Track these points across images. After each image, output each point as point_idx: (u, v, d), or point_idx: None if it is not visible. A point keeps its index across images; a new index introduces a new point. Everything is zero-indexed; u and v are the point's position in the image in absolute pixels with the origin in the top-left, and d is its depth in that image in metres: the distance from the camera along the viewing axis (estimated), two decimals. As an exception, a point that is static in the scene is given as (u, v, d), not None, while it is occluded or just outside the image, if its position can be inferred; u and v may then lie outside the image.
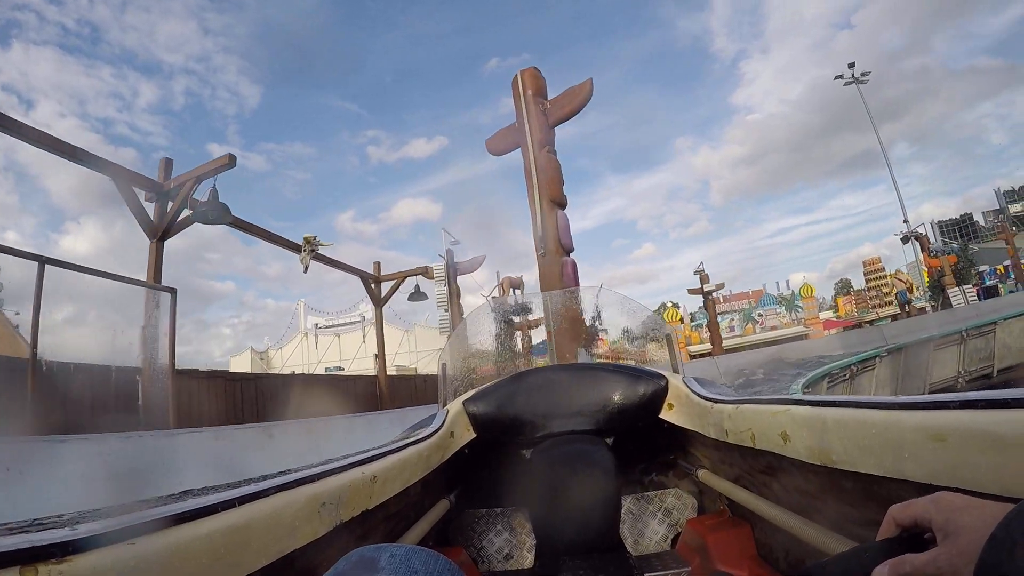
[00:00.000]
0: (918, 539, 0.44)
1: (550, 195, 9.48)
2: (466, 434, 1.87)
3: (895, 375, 7.81)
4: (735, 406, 1.33)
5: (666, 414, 1.82)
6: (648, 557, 1.71)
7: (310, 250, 10.17)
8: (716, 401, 1.50)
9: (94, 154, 5.73)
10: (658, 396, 1.83)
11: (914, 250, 21.91)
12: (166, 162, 7.27)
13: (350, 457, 1.12)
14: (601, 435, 1.86)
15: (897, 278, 22.08)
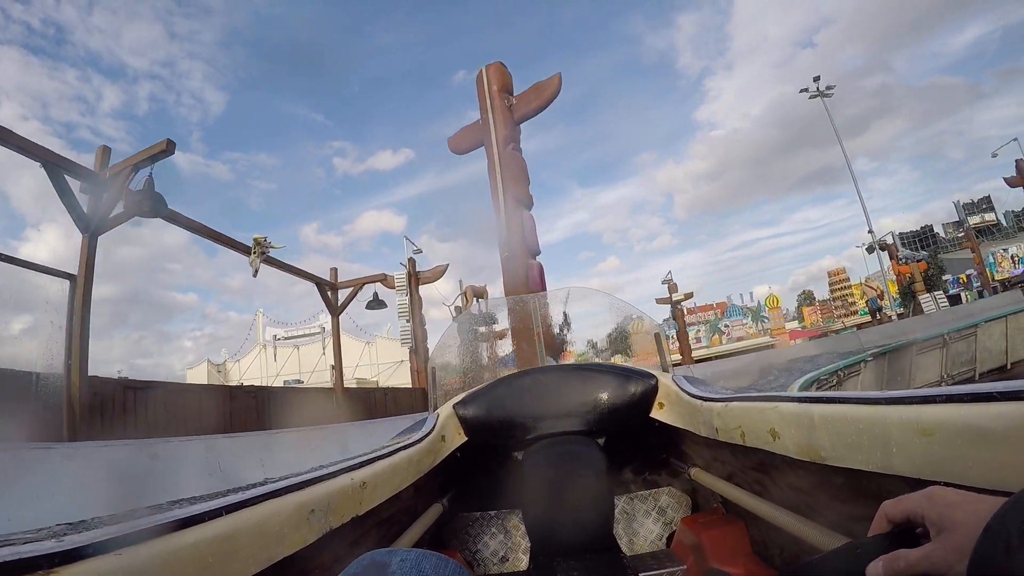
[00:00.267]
0: (910, 535, 0.43)
1: (515, 194, 8.94)
2: (457, 437, 1.85)
3: (880, 379, 7.68)
4: (724, 404, 1.32)
5: (657, 413, 1.79)
6: (643, 556, 1.71)
7: (260, 252, 9.43)
8: (706, 399, 1.47)
9: (22, 136, 4.99)
10: (648, 395, 1.81)
11: (879, 259, 22.25)
12: (104, 150, 6.57)
13: (339, 464, 1.09)
14: (592, 436, 1.84)
15: (868, 285, 22.24)
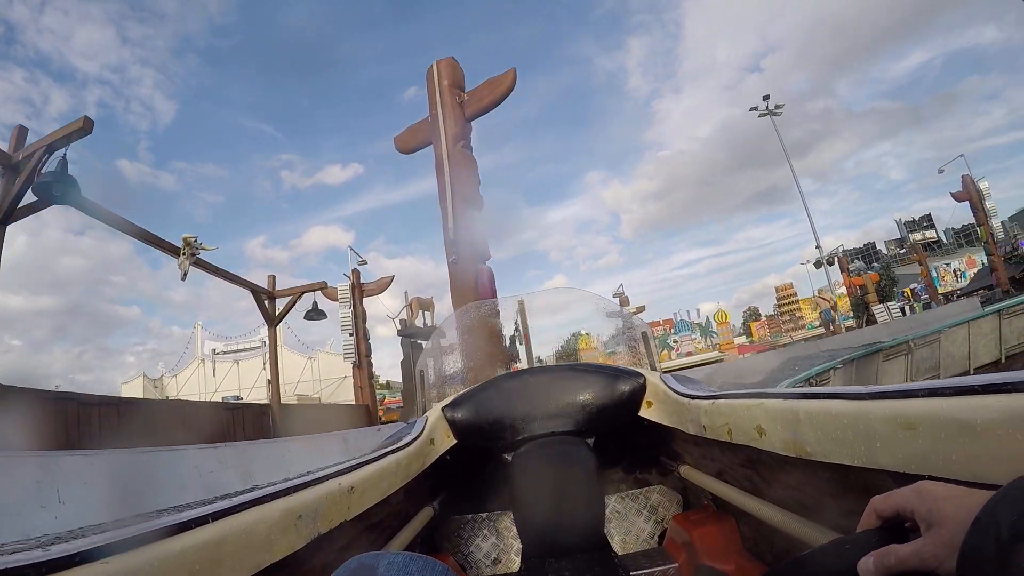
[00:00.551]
0: (900, 529, 0.43)
1: (464, 194, 8.27)
2: (446, 440, 1.84)
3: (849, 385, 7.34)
4: (711, 401, 1.33)
5: (645, 412, 1.80)
6: (635, 555, 1.72)
7: (190, 253, 8.44)
8: (693, 397, 1.48)
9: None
10: (636, 394, 1.81)
11: (827, 274, 22.74)
12: (20, 131, 5.84)
13: (326, 469, 1.08)
14: (582, 435, 1.84)
15: (821, 297, 22.61)
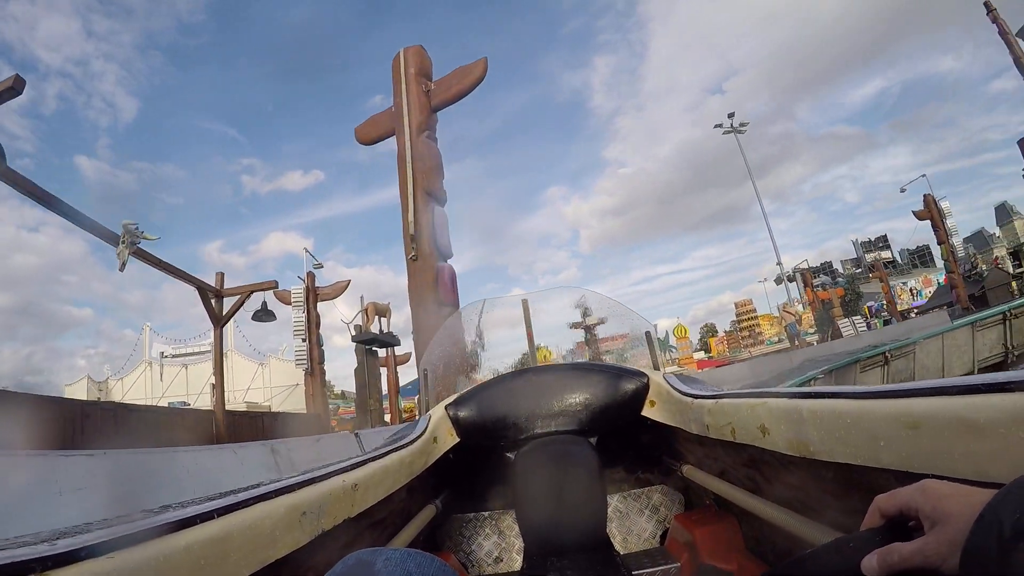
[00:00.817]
0: (904, 528, 0.43)
1: (426, 186, 7.63)
2: (450, 439, 1.83)
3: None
4: (714, 401, 1.32)
5: (648, 411, 1.79)
6: (637, 555, 1.71)
7: (129, 242, 7.50)
8: (696, 396, 1.48)
9: None
10: (639, 394, 1.80)
11: (787, 291, 22.98)
12: None
13: (331, 466, 1.08)
14: (584, 435, 1.83)
15: (786, 311, 22.79)
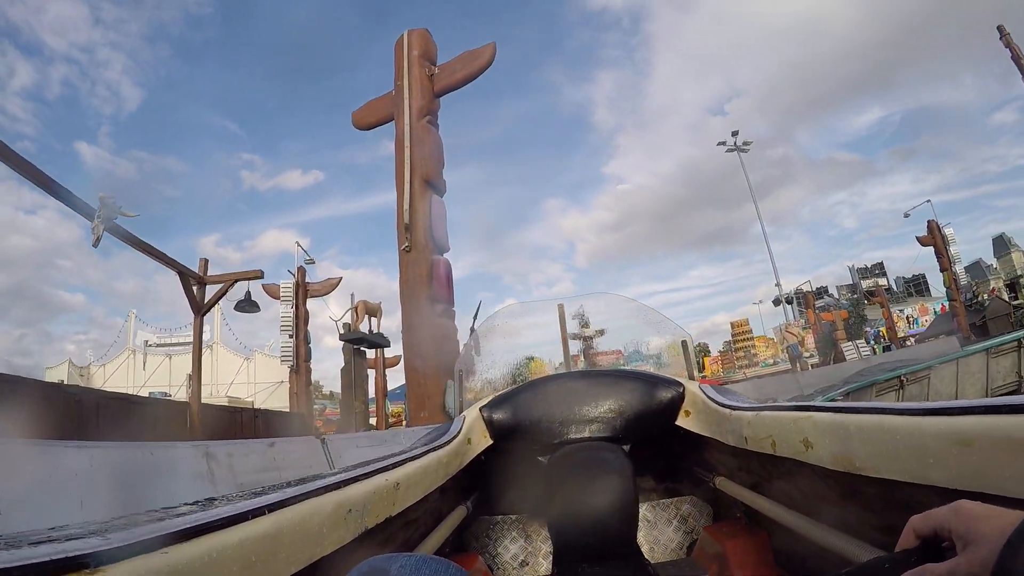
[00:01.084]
0: (937, 549, 0.43)
1: (424, 174, 7.12)
2: (483, 440, 1.83)
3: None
4: (755, 413, 1.31)
5: (682, 421, 1.79)
6: (665, 565, 1.74)
7: (105, 217, 6.90)
8: (734, 408, 1.47)
9: None
10: (675, 403, 1.80)
11: (784, 312, 22.65)
12: None
13: (373, 464, 1.08)
14: (618, 442, 1.81)
15: (788, 332, 22.46)
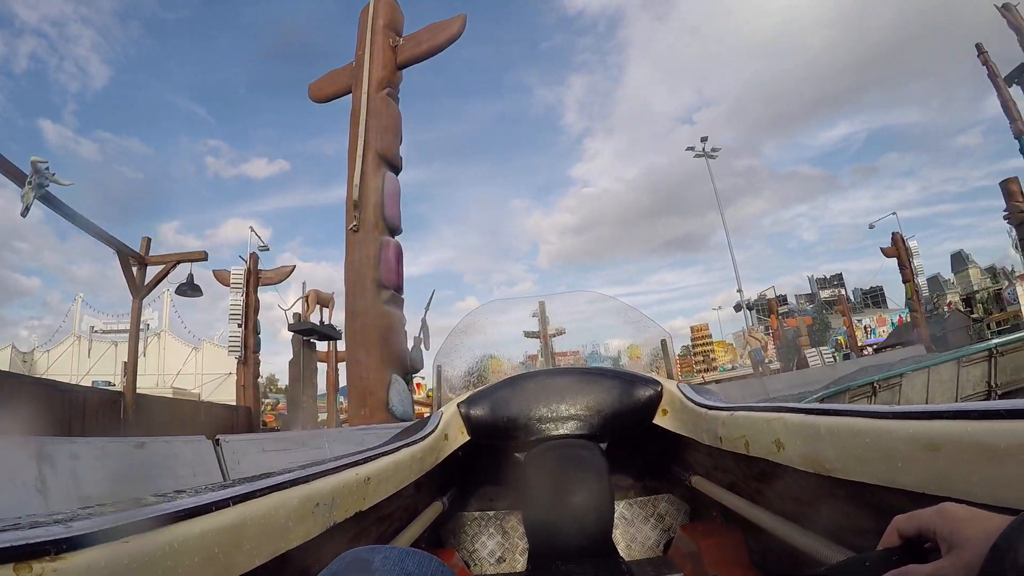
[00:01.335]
0: (919, 550, 0.43)
1: (380, 148, 6.47)
2: (460, 436, 1.84)
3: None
4: (729, 413, 1.32)
5: (660, 420, 1.80)
6: (641, 563, 1.73)
7: (36, 184, 6.13)
8: (710, 408, 1.47)
9: None
10: (652, 402, 1.81)
11: (745, 317, 22.87)
12: None
13: (344, 459, 1.08)
14: (595, 440, 1.83)
15: (752, 336, 22.50)
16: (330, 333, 11.49)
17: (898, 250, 19.06)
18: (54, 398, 7.07)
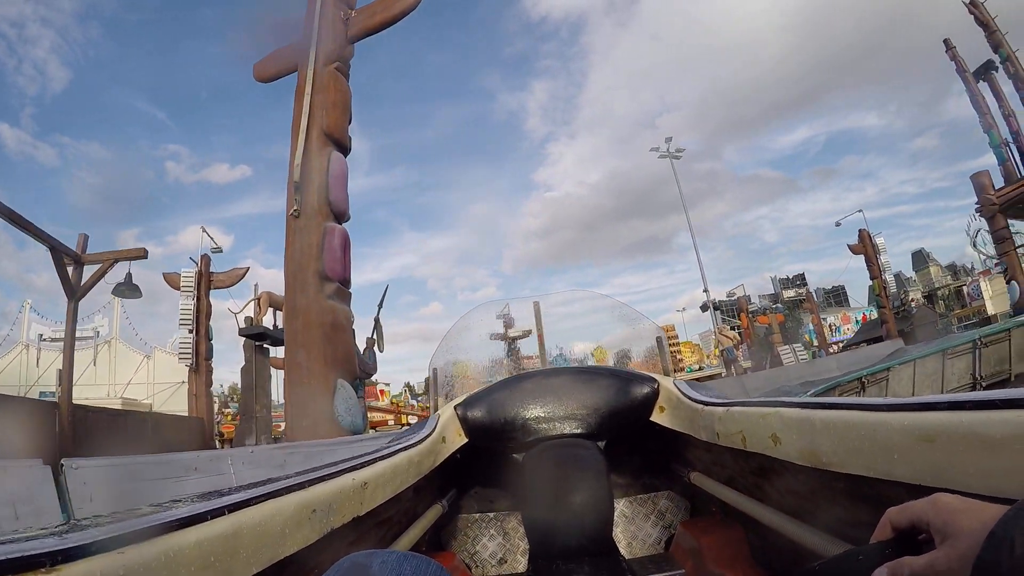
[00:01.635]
0: (914, 542, 0.43)
1: (326, 125, 5.78)
2: (458, 439, 1.83)
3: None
4: (725, 408, 1.32)
5: (657, 417, 1.80)
6: (642, 560, 1.75)
7: None
8: (707, 404, 1.48)
9: None
10: (649, 399, 1.81)
11: (712, 318, 22.86)
12: None
13: (340, 464, 1.07)
14: (593, 439, 1.83)
15: (723, 335, 22.42)
16: (284, 338, 10.70)
17: (865, 247, 19.17)
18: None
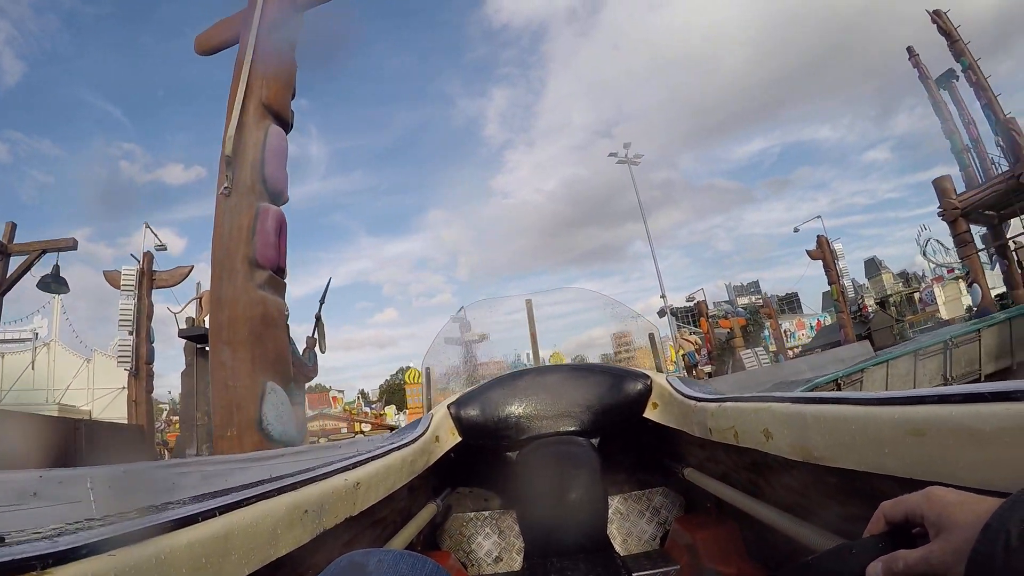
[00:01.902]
0: (908, 535, 0.43)
1: (265, 97, 5.14)
2: (451, 438, 1.83)
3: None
4: (718, 404, 1.32)
5: (650, 413, 1.80)
6: (637, 556, 1.73)
7: None
8: (699, 399, 1.48)
9: None
10: (642, 396, 1.81)
11: (670, 323, 22.93)
12: None
13: (332, 464, 1.07)
14: (586, 436, 1.84)
15: (685, 339, 22.45)
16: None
17: (824, 253, 19.50)
18: None
